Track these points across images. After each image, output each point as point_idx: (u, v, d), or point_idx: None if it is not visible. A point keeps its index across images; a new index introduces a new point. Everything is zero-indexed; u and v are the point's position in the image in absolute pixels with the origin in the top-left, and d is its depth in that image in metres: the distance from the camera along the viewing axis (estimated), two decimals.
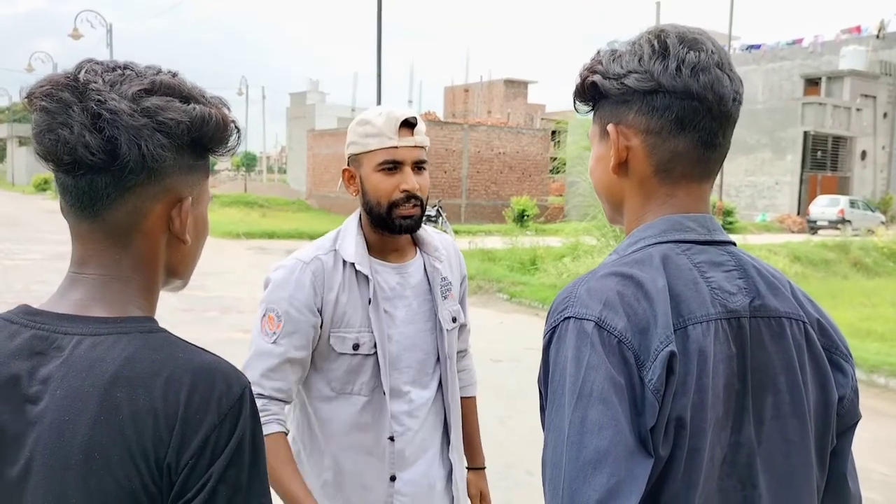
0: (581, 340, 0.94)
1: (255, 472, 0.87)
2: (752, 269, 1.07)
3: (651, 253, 1.02)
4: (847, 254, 17.91)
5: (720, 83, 1.03)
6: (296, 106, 50.78)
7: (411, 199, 1.81)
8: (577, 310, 0.96)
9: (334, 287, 1.81)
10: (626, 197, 1.11)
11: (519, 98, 50.70)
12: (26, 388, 0.86)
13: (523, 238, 16.42)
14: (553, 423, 0.95)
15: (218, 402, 0.86)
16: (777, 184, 34.23)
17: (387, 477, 1.85)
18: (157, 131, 0.90)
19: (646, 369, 0.93)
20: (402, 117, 1.80)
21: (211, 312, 9.63)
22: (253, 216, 27.13)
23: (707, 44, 1.04)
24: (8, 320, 0.91)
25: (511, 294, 11.67)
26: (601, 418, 0.90)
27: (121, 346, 0.87)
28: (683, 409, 0.94)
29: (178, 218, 0.96)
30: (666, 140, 1.05)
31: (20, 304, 0.95)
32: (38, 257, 14.61)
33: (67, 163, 0.88)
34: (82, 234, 0.93)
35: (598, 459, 0.88)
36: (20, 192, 48.14)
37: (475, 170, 31.43)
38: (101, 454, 0.83)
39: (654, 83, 1.03)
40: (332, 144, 34.20)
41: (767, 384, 1.03)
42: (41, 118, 0.88)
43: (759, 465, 1.02)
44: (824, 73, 37.70)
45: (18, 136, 65.23)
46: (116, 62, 0.93)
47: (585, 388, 0.91)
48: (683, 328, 0.96)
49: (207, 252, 1.17)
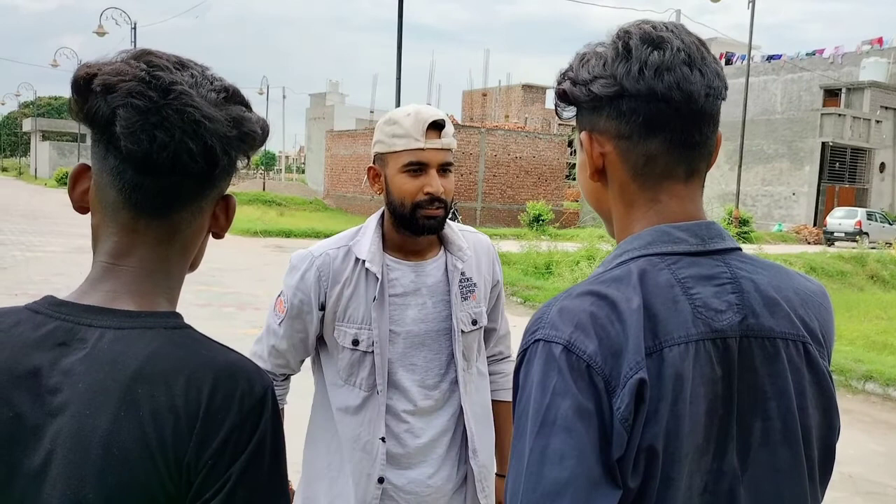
0: (549, 365, 0.89)
1: (274, 474, 0.87)
2: (749, 283, 0.99)
3: (630, 269, 0.97)
4: (864, 266, 17.77)
5: (686, 81, 0.97)
6: (315, 106, 51.02)
7: (435, 202, 1.80)
8: (547, 332, 0.92)
9: (340, 281, 1.84)
10: (611, 206, 1.07)
11: (537, 103, 50.67)
12: (46, 379, 0.85)
13: (540, 242, 16.39)
14: (515, 451, 0.90)
15: (240, 402, 0.85)
16: (794, 194, 33.97)
17: (375, 477, 1.85)
18: (241, 141, 0.93)
19: (615, 396, 0.87)
20: (430, 119, 1.79)
21: (228, 308, 9.71)
22: (271, 214, 27.26)
23: (674, 41, 0.98)
24: (33, 310, 0.90)
25: (525, 298, 11.66)
26: (563, 447, 0.85)
27: (145, 342, 0.87)
28: (655, 437, 0.88)
29: (223, 215, 0.99)
30: (637, 144, 1.00)
31: (45, 294, 0.94)
32: (58, 249, 14.78)
33: (165, 166, 0.87)
34: (135, 229, 0.92)
35: (556, 491, 0.84)
36: (42, 186, 48.63)
37: (491, 173, 31.43)
38: (121, 450, 0.82)
39: (617, 87, 0.98)
40: (350, 145, 34.31)
41: (756, 409, 0.96)
42: (130, 116, 0.85)
43: (743, 495, 0.95)
44: (844, 85, 37.39)
45: (42, 130, 65.92)
46: (169, 55, 0.93)
47: (549, 415, 0.87)
48: (659, 351, 0.90)
49: (225, 249, 1.20)
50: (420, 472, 1.88)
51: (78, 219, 1.33)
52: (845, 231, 28.60)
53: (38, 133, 66.26)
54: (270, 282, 11.87)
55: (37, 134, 66.50)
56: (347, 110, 48.76)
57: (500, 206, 31.55)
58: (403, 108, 1.86)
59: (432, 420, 1.89)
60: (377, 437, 1.84)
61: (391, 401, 1.86)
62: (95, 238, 0.94)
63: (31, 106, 71.87)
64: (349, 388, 1.87)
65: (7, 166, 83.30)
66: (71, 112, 0.91)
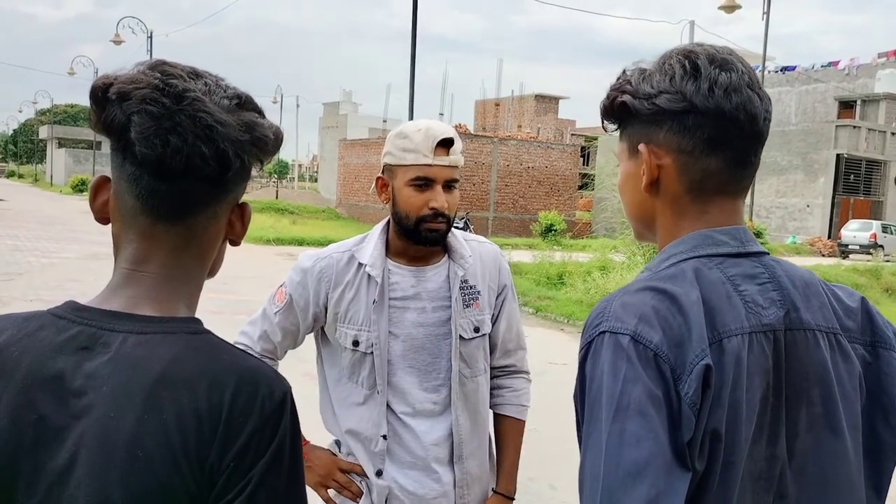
0: (617, 354, 0.94)
1: (293, 477, 0.89)
2: (787, 280, 1.06)
3: (683, 268, 1.03)
4: (878, 279, 17.63)
5: (751, 103, 1.04)
6: (328, 115, 51.22)
7: (439, 217, 1.86)
8: (612, 324, 0.96)
9: (342, 284, 1.92)
10: (657, 214, 1.11)
11: (549, 113, 50.71)
12: (70, 383, 0.87)
13: (553, 252, 16.36)
14: (591, 436, 0.94)
15: (261, 406, 0.87)
16: (808, 206, 33.79)
17: (373, 470, 1.91)
18: (253, 146, 0.95)
19: (682, 383, 0.93)
20: (441, 137, 1.85)
21: (240, 315, 9.69)
22: (283, 223, 27.39)
23: (737, 64, 1.05)
24: (56, 315, 0.92)
25: (537, 308, 11.64)
26: (639, 430, 0.89)
27: (167, 346, 0.89)
28: (719, 422, 0.94)
29: (238, 222, 1.01)
30: (698, 159, 1.05)
31: (58, 300, 0.96)
32: (73, 256, 14.89)
33: (179, 170, 0.89)
34: (154, 235, 0.94)
35: (637, 471, 0.87)
36: (58, 193, 49.03)
37: (504, 183, 31.46)
38: (145, 453, 0.84)
39: (686, 103, 1.03)
40: (362, 154, 34.43)
41: (802, 396, 1.02)
42: (145, 122, 0.88)
43: (791, 479, 1.01)
44: (859, 96, 37.26)
45: (58, 137, 66.49)
46: (184, 66, 0.95)
47: (623, 400, 0.91)
48: (718, 341, 0.96)
49: (238, 256, 1.20)
50: (422, 474, 1.92)
51: (92, 226, 1.34)
52: (860, 244, 28.43)
53: (53, 140, 66.83)
54: None
55: (53, 141, 67.06)
56: (360, 119, 48.98)
57: (512, 216, 31.55)
58: (415, 123, 1.92)
59: (434, 424, 1.93)
60: (379, 434, 1.91)
61: (392, 402, 1.91)
62: (116, 246, 0.97)
63: (47, 113, 72.55)
64: (352, 385, 1.94)
65: (23, 173, 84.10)
66: (90, 122, 0.94)
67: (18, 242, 16.92)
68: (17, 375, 0.88)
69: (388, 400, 1.91)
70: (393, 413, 1.91)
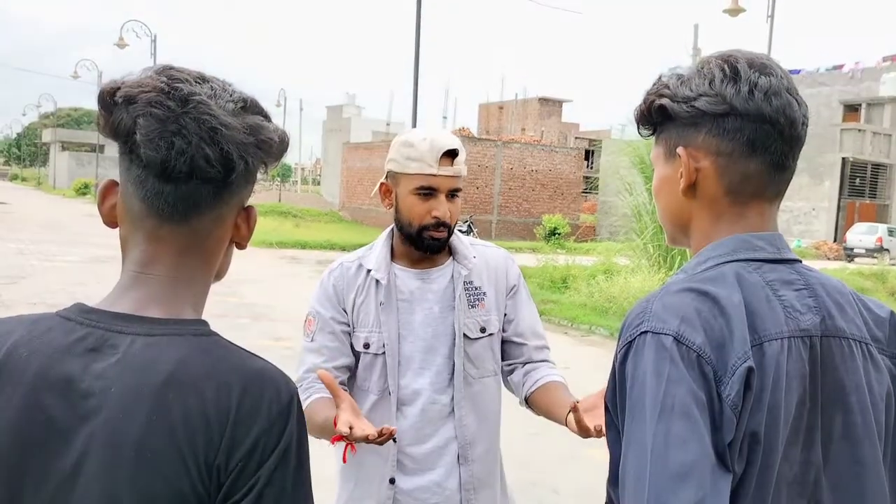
0: (660, 355, 0.94)
1: (299, 478, 0.89)
2: (821, 288, 1.07)
3: (724, 271, 1.03)
4: (884, 283, 17.58)
5: (791, 107, 1.05)
6: (332, 119, 51.34)
7: (440, 225, 1.90)
8: (654, 324, 0.96)
9: (353, 290, 1.98)
10: (693, 217, 1.12)
11: (553, 116, 50.76)
12: (79, 384, 0.88)
13: (557, 256, 16.35)
14: (634, 437, 0.94)
15: (268, 407, 0.88)
16: (814, 210, 33.75)
17: (387, 479, 1.92)
18: (258, 148, 0.96)
19: (723, 385, 0.93)
20: (445, 148, 1.88)
21: (243, 319, 9.74)
22: (287, 226, 27.41)
23: (776, 69, 1.06)
24: (64, 317, 0.93)
25: (541, 311, 11.54)
26: (685, 432, 0.90)
27: (174, 348, 0.90)
28: (758, 424, 0.94)
29: (244, 225, 1.02)
30: (737, 162, 1.06)
31: (63, 303, 0.97)
32: (76, 259, 14.93)
33: (183, 171, 0.90)
34: (160, 237, 0.95)
35: (684, 473, 0.88)
36: (61, 196, 49.14)
37: (507, 186, 31.46)
38: (153, 454, 0.85)
39: (726, 106, 1.04)
40: (366, 157, 34.46)
41: (837, 403, 1.02)
42: (150, 124, 0.89)
43: (826, 485, 1.01)
44: (864, 100, 37.17)
45: (61, 140, 66.68)
46: (191, 70, 0.97)
47: (667, 401, 0.91)
48: (759, 345, 0.97)
49: (241, 260, 1.20)
50: (429, 477, 1.93)
51: (95, 229, 1.35)
52: (866, 247, 28.39)
53: (57, 143, 67.04)
54: (285, 293, 11.92)
55: (56, 145, 67.28)
56: (364, 123, 49.10)
57: (515, 220, 31.55)
58: (420, 132, 1.95)
59: (442, 425, 1.95)
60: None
61: (402, 403, 1.94)
62: (124, 249, 0.98)
63: (51, 117, 72.75)
64: (362, 392, 1.96)
65: (26, 176, 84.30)
66: (98, 127, 0.95)
67: (22, 246, 16.96)
68: (26, 377, 0.89)
69: (399, 402, 1.93)
70: (403, 416, 1.93)
